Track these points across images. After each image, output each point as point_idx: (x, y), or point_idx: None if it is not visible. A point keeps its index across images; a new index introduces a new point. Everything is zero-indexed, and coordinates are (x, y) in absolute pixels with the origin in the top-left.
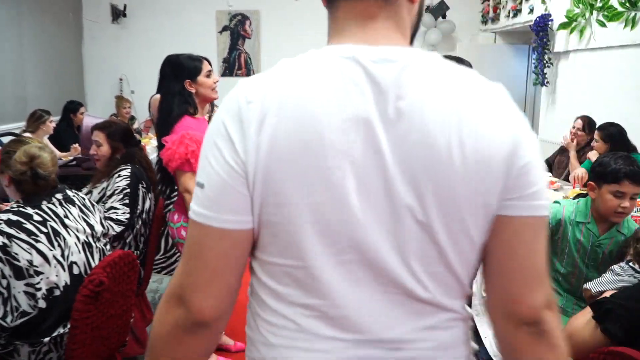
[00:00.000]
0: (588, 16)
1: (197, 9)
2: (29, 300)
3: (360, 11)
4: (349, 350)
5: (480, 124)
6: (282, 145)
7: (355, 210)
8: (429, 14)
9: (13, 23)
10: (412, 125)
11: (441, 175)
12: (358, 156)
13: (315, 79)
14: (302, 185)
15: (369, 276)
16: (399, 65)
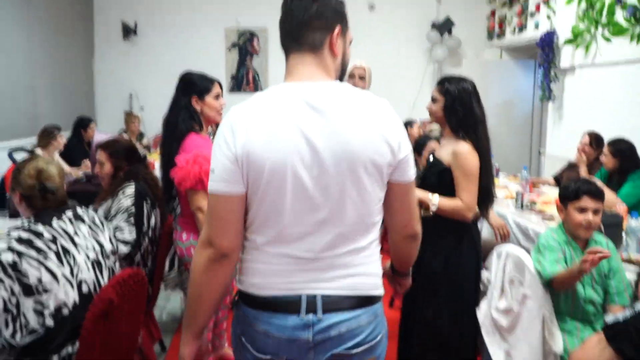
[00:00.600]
0: (593, 32)
1: (206, 27)
2: (38, 318)
3: (301, 60)
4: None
5: (371, 129)
6: (256, 144)
7: (304, 179)
8: (435, 31)
9: (25, 40)
10: (333, 129)
11: (352, 157)
12: (301, 147)
13: (272, 104)
14: (271, 167)
15: (309, 219)
16: (324, 90)
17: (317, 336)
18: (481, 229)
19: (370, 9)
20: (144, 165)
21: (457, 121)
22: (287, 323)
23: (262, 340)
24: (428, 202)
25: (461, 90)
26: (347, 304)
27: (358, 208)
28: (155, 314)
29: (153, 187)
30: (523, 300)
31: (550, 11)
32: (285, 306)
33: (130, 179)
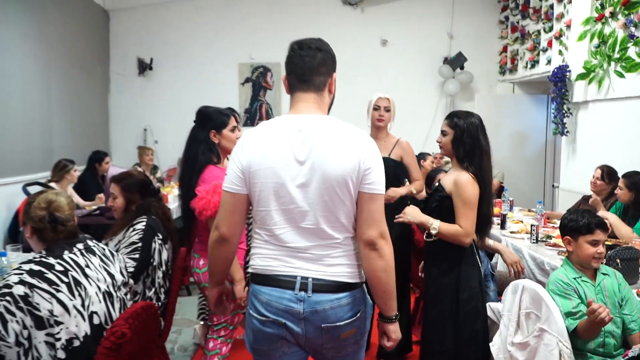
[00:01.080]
0: (606, 67)
1: (220, 62)
2: (50, 350)
3: (305, 97)
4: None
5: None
6: (255, 159)
7: (289, 187)
8: (447, 65)
9: (42, 75)
10: (315, 150)
11: (327, 172)
12: (289, 162)
13: (272, 129)
14: (265, 176)
15: (295, 218)
16: (316, 122)
17: (306, 309)
18: (497, 263)
19: (383, 43)
20: (157, 199)
21: (464, 152)
22: (284, 296)
23: (264, 308)
24: (429, 226)
25: (469, 124)
26: (331, 288)
27: (332, 211)
28: (167, 347)
29: (165, 221)
30: (540, 335)
31: (562, 47)
32: (283, 283)
33: (142, 213)
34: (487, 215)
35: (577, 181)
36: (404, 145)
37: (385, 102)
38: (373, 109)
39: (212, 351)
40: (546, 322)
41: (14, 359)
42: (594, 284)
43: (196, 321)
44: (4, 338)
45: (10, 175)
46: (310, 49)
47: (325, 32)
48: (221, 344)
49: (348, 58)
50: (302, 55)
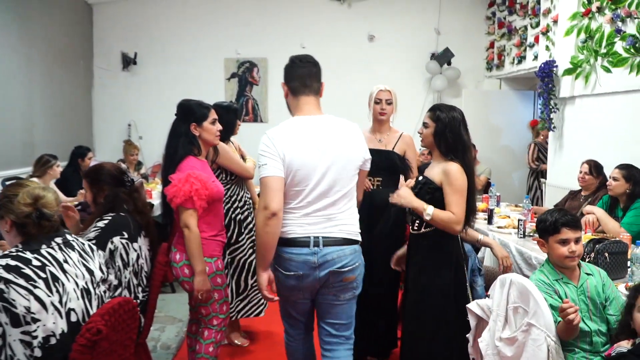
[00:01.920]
0: (593, 62)
1: (206, 57)
2: (25, 349)
3: (308, 100)
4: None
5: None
6: (291, 152)
7: (317, 171)
8: (434, 61)
9: (23, 69)
10: (332, 143)
11: (344, 159)
12: (316, 153)
13: (296, 128)
14: (299, 164)
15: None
16: (323, 120)
17: (319, 259)
18: (484, 257)
19: (370, 39)
20: (129, 191)
21: (446, 147)
22: (302, 252)
23: (287, 263)
24: (422, 211)
25: (451, 118)
26: (337, 242)
27: (343, 186)
28: (149, 345)
29: (137, 215)
30: (528, 330)
31: (549, 42)
32: (301, 243)
33: (110, 205)
34: (472, 206)
35: (564, 176)
36: (408, 140)
37: (386, 95)
38: (374, 103)
39: (207, 340)
40: (534, 317)
41: None
42: (577, 285)
43: (180, 319)
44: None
45: None
46: (308, 62)
47: (312, 28)
48: (215, 333)
49: (335, 54)
50: (304, 66)
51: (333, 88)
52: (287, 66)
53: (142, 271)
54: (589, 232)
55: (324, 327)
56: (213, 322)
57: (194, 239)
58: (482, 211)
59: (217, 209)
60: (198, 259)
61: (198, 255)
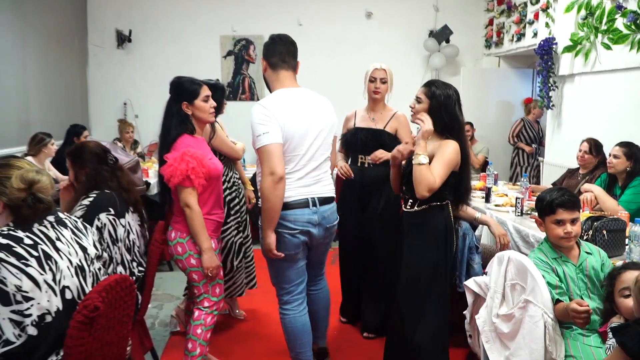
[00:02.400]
0: (593, 39)
1: (201, 35)
2: (14, 328)
3: (287, 75)
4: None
5: (329, 110)
6: (287, 121)
7: (308, 137)
8: (432, 39)
9: (17, 47)
10: (316, 112)
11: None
12: (306, 122)
13: (289, 99)
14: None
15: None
16: (304, 92)
17: (319, 217)
18: (481, 234)
19: (368, 16)
20: (114, 168)
21: (442, 126)
22: (305, 212)
23: (294, 224)
24: (419, 153)
25: (446, 96)
26: (327, 201)
27: (325, 150)
28: (147, 322)
29: (123, 192)
30: (525, 306)
31: (549, 19)
32: (302, 204)
33: (92, 183)
34: (466, 186)
35: (562, 155)
36: (401, 119)
37: (381, 74)
38: (369, 81)
39: (196, 321)
40: (531, 294)
41: None
42: (576, 264)
43: (177, 296)
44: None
45: None
46: (288, 41)
47: (309, 5)
48: (205, 315)
49: (332, 31)
50: (283, 44)
51: (330, 65)
52: (268, 44)
53: (135, 247)
54: (587, 210)
55: (312, 271)
56: (204, 304)
57: (196, 217)
58: (479, 189)
59: (214, 187)
60: (202, 236)
61: (202, 233)
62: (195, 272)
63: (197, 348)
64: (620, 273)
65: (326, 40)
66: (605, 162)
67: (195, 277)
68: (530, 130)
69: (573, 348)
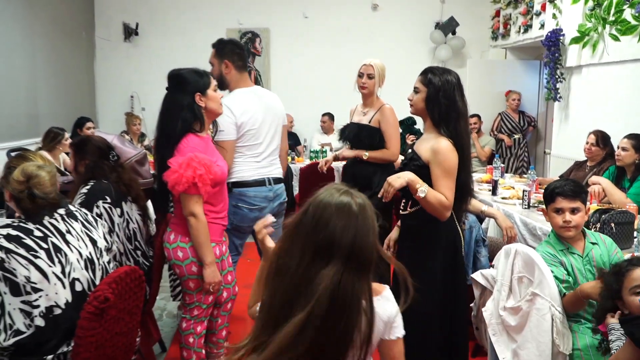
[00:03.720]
0: (601, 30)
1: (207, 27)
2: (24, 318)
3: (245, 76)
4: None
5: (279, 104)
6: (244, 116)
7: (264, 128)
8: (438, 31)
9: (26, 41)
10: (272, 107)
11: (277, 117)
12: (261, 116)
13: (250, 97)
14: (252, 123)
15: (266, 145)
16: (259, 90)
17: (273, 194)
18: (487, 227)
19: (374, 8)
20: (115, 164)
21: (439, 114)
22: (263, 190)
23: (252, 199)
24: (417, 187)
25: (445, 81)
26: (279, 180)
27: (278, 138)
28: (155, 314)
29: (122, 186)
30: (532, 299)
31: (556, 10)
32: (260, 183)
33: (90, 174)
34: (466, 183)
35: (569, 147)
36: (385, 112)
37: (368, 70)
38: (358, 76)
39: (186, 331)
40: (539, 287)
41: None
42: (582, 255)
43: None
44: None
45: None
46: (243, 47)
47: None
48: (195, 324)
49: (338, 23)
50: (242, 48)
51: (336, 58)
52: (230, 48)
53: (137, 235)
54: (595, 202)
55: None
56: (193, 313)
57: (202, 228)
58: (486, 182)
59: (220, 191)
60: (207, 249)
61: (207, 245)
62: (193, 280)
63: (193, 355)
64: (629, 270)
65: (332, 32)
66: (613, 154)
67: (192, 285)
68: (509, 121)
69: (581, 341)
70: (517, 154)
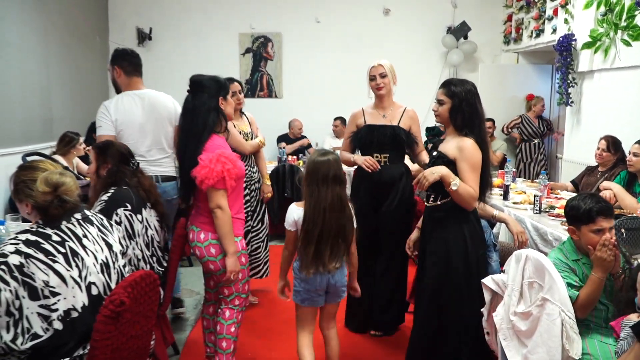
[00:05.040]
0: (612, 35)
1: (220, 32)
2: (42, 322)
3: (137, 81)
4: None
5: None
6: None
7: (142, 124)
8: (450, 35)
9: (41, 45)
10: (156, 109)
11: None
12: (140, 114)
13: (128, 99)
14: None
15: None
16: (148, 93)
17: (160, 191)
18: (498, 232)
19: (386, 13)
20: (132, 170)
21: (462, 120)
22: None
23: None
24: (450, 181)
25: (467, 92)
26: (168, 179)
27: (165, 139)
28: (169, 317)
29: (142, 191)
30: (542, 304)
31: (568, 15)
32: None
33: (112, 179)
34: (486, 179)
35: (581, 152)
36: (412, 115)
37: (379, 70)
38: (370, 80)
39: (229, 320)
40: (549, 292)
41: (2, 328)
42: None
43: (197, 291)
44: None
45: (9, 145)
46: (136, 55)
47: (326, 2)
48: (237, 313)
49: (350, 28)
50: (135, 55)
51: (347, 62)
52: (121, 56)
53: (154, 241)
54: None
55: None
56: (235, 302)
57: (227, 220)
58: (497, 187)
59: (239, 188)
60: (230, 240)
61: (230, 236)
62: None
63: (232, 345)
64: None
65: (344, 37)
66: (625, 160)
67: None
68: (529, 126)
69: (590, 346)
70: (537, 159)
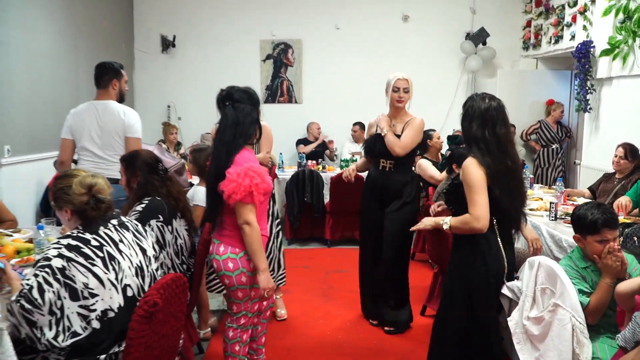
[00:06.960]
0: (631, 43)
1: (242, 39)
2: (81, 321)
3: (100, 92)
4: None
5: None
6: (73, 123)
7: (92, 131)
8: (469, 41)
9: (70, 54)
10: (106, 119)
11: (109, 126)
12: (92, 123)
13: (84, 107)
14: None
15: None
16: (100, 104)
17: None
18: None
19: (405, 19)
20: (161, 178)
21: (464, 136)
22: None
23: None
24: (440, 223)
25: (468, 107)
26: (114, 181)
27: (113, 146)
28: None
29: (172, 200)
30: (554, 310)
31: (587, 22)
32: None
33: (143, 191)
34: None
35: (599, 158)
36: (412, 123)
37: (404, 84)
38: (392, 91)
39: (232, 339)
40: (560, 298)
41: (45, 326)
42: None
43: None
44: (40, 306)
45: (41, 151)
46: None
47: (346, 9)
48: (241, 332)
49: (369, 34)
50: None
51: (367, 68)
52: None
53: (183, 250)
54: (622, 215)
55: None
56: (240, 321)
57: (256, 236)
58: None
59: (265, 204)
60: (261, 256)
61: (261, 252)
62: (242, 290)
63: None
64: None
65: (363, 43)
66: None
67: (240, 294)
68: (548, 131)
69: (600, 350)
70: (555, 164)
